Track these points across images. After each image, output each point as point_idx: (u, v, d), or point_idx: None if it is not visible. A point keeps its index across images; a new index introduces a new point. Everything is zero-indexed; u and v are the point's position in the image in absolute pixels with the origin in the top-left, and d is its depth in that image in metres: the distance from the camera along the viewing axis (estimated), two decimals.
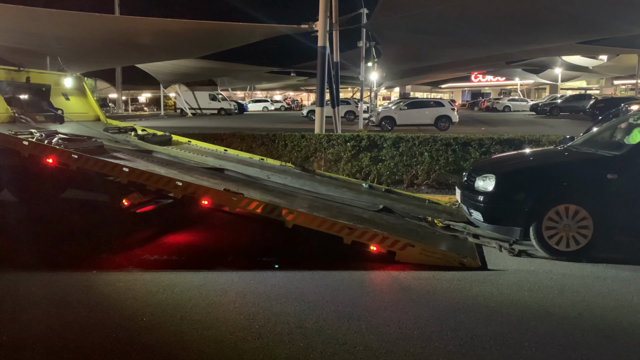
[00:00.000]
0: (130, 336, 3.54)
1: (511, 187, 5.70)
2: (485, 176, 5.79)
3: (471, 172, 6.19)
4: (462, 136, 9.22)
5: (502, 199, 5.64)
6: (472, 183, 5.92)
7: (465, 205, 6.11)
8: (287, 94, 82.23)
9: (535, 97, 66.28)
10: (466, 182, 6.15)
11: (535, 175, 5.81)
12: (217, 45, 25.58)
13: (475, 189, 5.82)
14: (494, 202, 5.65)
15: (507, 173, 5.98)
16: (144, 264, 5.15)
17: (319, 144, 9.93)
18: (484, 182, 5.76)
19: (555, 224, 5.33)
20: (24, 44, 21.40)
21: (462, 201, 6.20)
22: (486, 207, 5.66)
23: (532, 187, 5.55)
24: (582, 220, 5.28)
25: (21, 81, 7.69)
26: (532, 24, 17.77)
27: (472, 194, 5.87)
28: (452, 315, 3.91)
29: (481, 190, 5.74)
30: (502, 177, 5.75)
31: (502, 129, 23.00)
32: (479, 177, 5.85)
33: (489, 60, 35.73)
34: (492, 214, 5.66)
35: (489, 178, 5.72)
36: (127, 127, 8.60)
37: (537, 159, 6.57)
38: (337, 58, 16.90)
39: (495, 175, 5.73)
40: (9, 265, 5.06)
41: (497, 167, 6.24)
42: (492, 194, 5.64)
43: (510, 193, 5.63)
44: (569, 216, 5.31)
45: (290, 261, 5.25)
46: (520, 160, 6.64)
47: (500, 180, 5.68)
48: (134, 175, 5.66)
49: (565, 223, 5.31)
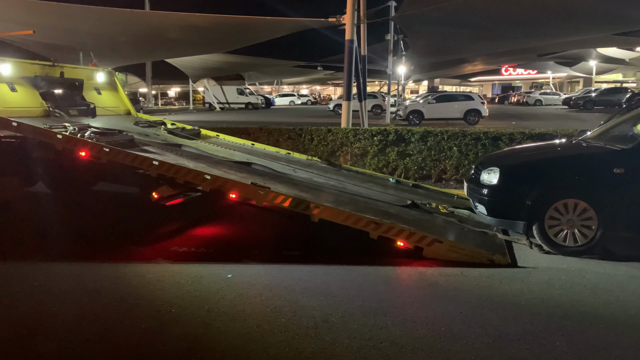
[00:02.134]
0: (158, 327, 3.60)
1: (514, 180, 5.62)
2: (490, 169, 5.73)
3: (478, 166, 6.14)
4: (492, 130, 9.05)
5: (505, 192, 5.57)
6: (478, 176, 5.87)
7: (471, 199, 6.07)
8: (314, 88, 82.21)
9: (568, 90, 64.56)
10: (473, 175, 6.10)
11: (538, 169, 5.70)
12: (244, 39, 25.72)
13: (480, 182, 5.77)
14: (497, 196, 5.58)
15: (511, 166, 5.90)
16: (173, 255, 5.24)
17: (346, 138, 9.89)
18: (488, 175, 5.70)
19: (558, 219, 5.24)
20: (57, 40, 21.95)
21: (468, 194, 6.16)
22: (490, 200, 5.61)
23: (535, 180, 5.44)
24: (586, 216, 5.17)
25: (55, 76, 7.87)
26: (565, 16, 17.29)
27: (477, 187, 5.82)
28: (480, 312, 3.86)
29: (486, 184, 5.68)
30: (505, 170, 5.67)
31: (533, 124, 22.47)
32: (484, 170, 5.80)
33: (519, 52, 34.96)
34: (496, 208, 5.59)
35: (494, 171, 5.66)
36: (157, 121, 8.72)
37: (543, 153, 6.46)
38: (364, 51, 16.76)
39: (500, 168, 5.66)
40: (42, 256, 5.22)
41: (502, 160, 6.18)
42: (495, 187, 5.57)
43: (514, 186, 5.55)
44: (572, 211, 5.20)
45: (316, 255, 5.26)
46: (526, 154, 6.54)
47: (504, 173, 5.61)
48: (163, 168, 5.74)
49: (569, 218, 5.20)
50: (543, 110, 39.88)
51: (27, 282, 4.45)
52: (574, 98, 40.86)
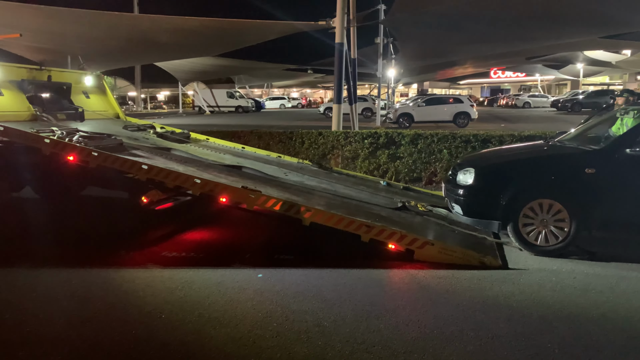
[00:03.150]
0: (149, 333, 3.56)
1: (489, 180, 5.72)
2: (466, 170, 5.82)
3: (455, 166, 6.24)
4: (482, 133, 9.10)
5: (480, 192, 5.67)
6: (455, 177, 5.96)
7: (448, 199, 6.15)
8: (304, 91, 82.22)
9: (556, 93, 65.11)
10: (450, 176, 6.19)
11: (512, 170, 5.80)
12: (234, 43, 25.63)
13: (457, 183, 5.86)
14: (472, 196, 5.69)
15: (486, 167, 6.00)
16: (163, 260, 5.19)
17: (336, 141, 9.89)
18: (464, 175, 5.79)
19: (531, 219, 5.31)
20: (45, 43, 21.72)
21: (446, 195, 6.25)
22: (465, 200, 5.71)
23: (508, 181, 5.54)
24: (559, 216, 5.25)
25: (43, 80, 7.80)
26: (552, 19, 17.42)
27: (453, 187, 5.92)
28: (472, 315, 3.86)
29: (461, 184, 5.78)
30: (480, 170, 5.77)
31: (522, 126, 22.65)
32: (460, 170, 5.90)
33: (508, 56, 35.18)
34: (471, 207, 5.69)
35: (469, 172, 5.76)
36: (146, 125, 8.66)
37: (517, 154, 6.55)
38: (354, 55, 16.81)
39: (475, 168, 5.76)
40: (29, 262, 5.14)
41: (477, 161, 6.28)
42: (470, 187, 5.68)
43: (488, 186, 5.65)
44: (545, 211, 5.28)
45: (307, 259, 5.24)
46: (502, 155, 6.65)
47: (479, 173, 5.70)
48: (152, 172, 5.69)
49: (542, 218, 5.28)
50: (532, 112, 40.22)
51: (15, 288, 4.38)
52: (562, 100, 41.24)
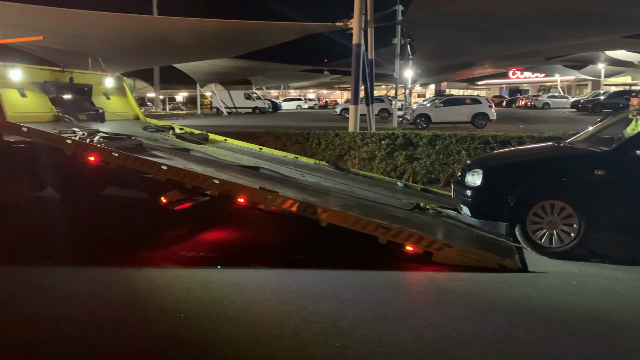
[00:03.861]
0: (167, 332, 3.59)
1: (497, 181, 5.69)
2: (474, 171, 5.80)
3: (464, 168, 6.21)
4: (501, 134, 8.99)
5: (488, 193, 5.64)
6: (463, 178, 5.93)
7: (456, 200, 6.12)
8: (320, 92, 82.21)
9: (577, 93, 64.11)
10: (459, 177, 6.17)
11: (520, 171, 5.77)
12: (251, 44, 25.77)
13: (465, 184, 5.84)
14: (480, 197, 5.66)
15: (494, 168, 5.96)
16: (181, 260, 5.24)
17: (353, 142, 9.88)
18: (472, 176, 5.77)
19: (539, 220, 5.26)
20: (66, 45, 22.10)
21: (454, 197, 6.22)
22: (473, 201, 5.69)
23: (516, 182, 5.51)
24: (567, 217, 5.19)
25: (65, 81, 7.93)
26: (573, 18, 17.15)
27: (461, 188, 5.89)
28: (490, 318, 3.82)
29: (470, 185, 5.76)
30: (488, 171, 5.74)
31: (541, 127, 22.36)
32: (469, 172, 5.87)
33: (527, 56, 34.72)
34: (479, 209, 5.67)
35: (477, 173, 5.73)
36: (165, 126, 8.76)
37: (526, 155, 6.49)
38: (371, 55, 16.76)
39: (483, 170, 5.73)
40: (50, 260, 5.24)
41: (486, 162, 6.25)
42: (478, 189, 5.65)
43: (496, 188, 5.62)
44: (554, 212, 5.23)
45: (324, 260, 5.24)
46: (510, 156, 6.60)
47: (487, 174, 5.67)
48: (172, 173, 5.75)
49: (550, 219, 5.23)
50: (551, 113, 39.68)
51: (37, 287, 4.47)
52: (582, 101, 40.58)
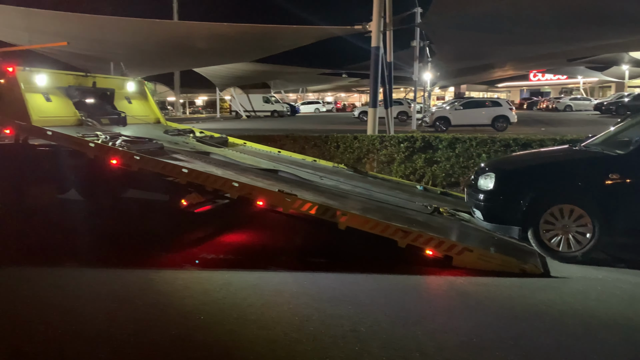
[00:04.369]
0: (187, 333, 3.62)
1: (509, 185, 5.62)
2: (487, 175, 5.74)
3: (477, 171, 6.14)
4: (522, 137, 8.87)
5: (500, 197, 5.57)
6: (476, 182, 5.87)
7: (470, 204, 6.06)
8: (339, 95, 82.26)
9: (600, 95, 62.99)
10: (472, 181, 6.11)
11: (533, 174, 5.70)
12: (270, 48, 25.95)
13: (478, 188, 5.78)
14: (493, 201, 5.59)
15: (506, 171, 5.89)
16: (201, 262, 5.28)
17: (372, 145, 9.85)
18: (484, 180, 5.71)
19: (552, 224, 5.18)
20: (89, 50, 22.54)
21: (467, 200, 6.16)
22: (486, 205, 5.62)
23: (529, 186, 5.44)
24: (581, 222, 5.10)
25: (88, 86, 8.07)
26: (596, 19, 16.86)
27: (474, 192, 5.84)
28: (512, 323, 3.77)
29: (482, 189, 5.69)
30: (501, 175, 5.67)
31: (563, 130, 22.01)
32: (481, 175, 5.81)
33: (548, 57, 34.24)
34: (491, 212, 5.59)
35: (490, 176, 5.67)
36: (186, 130, 8.85)
37: (539, 158, 6.40)
38: (390, 58, 16.72)
39: (495, 173, 5.67)
40: (73, 261, 5.33)
41: (499, 165, 6.18)
42: (491, 192, 5.58)
43: (508, 191, 5.55)
44: (567, 217, 5.14)
45: (342, 263, 5.23)
46: (523, 159, 6.51)
47: (500, 178, 5.60)
48: (192, 176, 5.81)
49: (563, 224, 5.14)
50: (573, 116, 39.01)
51: (60, 288, 4.54)
52: (605, 103, 39.79)
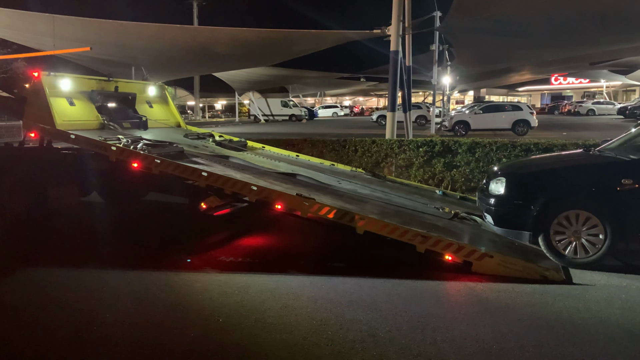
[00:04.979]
0: (207, 336, 3.65)
1: (520, 190, 5.56)
2: (498, 179, 5.68)
3: (489, 175, 6.10)
4: (544, 141, 8.75)
5: (511, 202, 5.50)
6: (487, 186, 5.82)
7: (481, 209, 6.01)
8: (357, 99, 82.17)
9: (623, 99, 61.81)
10: (483, 185, 6.07)
11: (544, 179, 5.63)
12: (289, 53, 26.07)
13: (489, 192, 5.73)
14: (503, 205, 5.54)
15: (517, 176, 5.84)
16: (220, 265, 5.31)
17: (390, 149, 9.81)
18: (495, 185, 5.65)
19: (564, 230, 5.10)
20: (111, 55, 22.92)
21: (479, 205, 6.12)
22: (496, 210, 5.57)
23: (540, 191, 5.36)
24: (593, 228, 5.01)
25: (110, 90, 8.21)
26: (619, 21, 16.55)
27: (485, 197, 5.79)
28: (533, 331, 3.71)
29: (493, 193, 5.64)
30: (512, 180, 5.62)
31: (585, 134, 21.63)
32: (492, 180, 5.76)
33: (570, 61, 33.72)
34: (502, 217, 5.54)
35: (501, 181, 5.62)
36: (205, 134, 8.93)
37: (551, 163, 6.29)
38: (409, 62, 16.66)
39: (506, 178, 5.62)
40: (95, 263, 5.41)
41: (510, 170, 6.12)
42: (502, 197, 5.54)
43: (519, 196, 5.49)
44: (578, 222, 5.06)
45: (360, 268, 5.21)
46: (534, 164, 6.44)
47: (510, 183, 5.55)
48: (211, 179, 5.86)
49: (575, 229, 5.06)
50: (596, 120, 38.33)
51: (82, 290, 4.61)
52: (629, 107, 39.03)
